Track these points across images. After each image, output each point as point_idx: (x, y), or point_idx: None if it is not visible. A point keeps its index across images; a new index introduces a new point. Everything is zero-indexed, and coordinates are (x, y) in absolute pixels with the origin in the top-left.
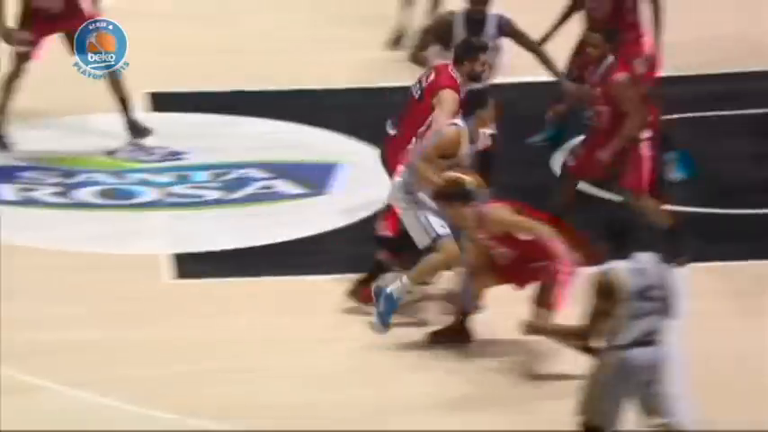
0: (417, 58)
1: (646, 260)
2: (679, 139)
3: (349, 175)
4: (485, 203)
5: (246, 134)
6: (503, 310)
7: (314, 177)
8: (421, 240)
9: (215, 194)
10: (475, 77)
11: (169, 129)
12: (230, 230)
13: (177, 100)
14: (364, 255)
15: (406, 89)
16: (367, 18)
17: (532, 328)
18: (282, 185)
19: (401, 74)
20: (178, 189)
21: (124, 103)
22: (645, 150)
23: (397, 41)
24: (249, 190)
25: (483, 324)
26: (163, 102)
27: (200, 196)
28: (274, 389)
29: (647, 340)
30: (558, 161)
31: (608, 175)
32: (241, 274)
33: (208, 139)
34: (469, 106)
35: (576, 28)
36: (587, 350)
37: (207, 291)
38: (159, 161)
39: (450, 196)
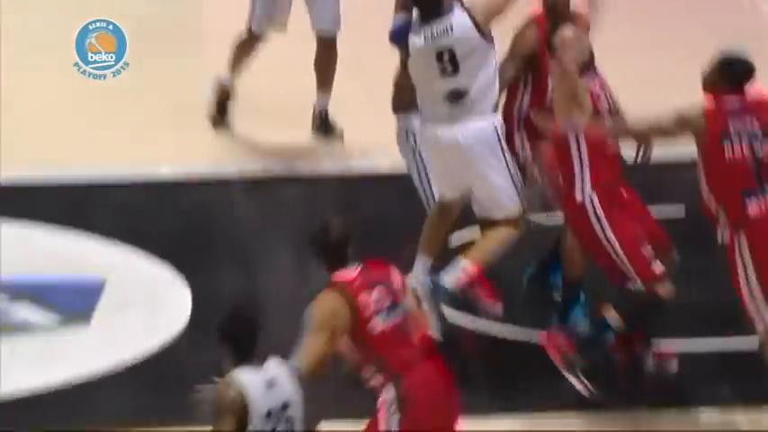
0: (401, 105)
1: (276, 370)
2: None
3: (118, 297)
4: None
5: None
6: None
7: (69, 300)
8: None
9: None
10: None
11: None
12: None
13: None
14: (144, 405)
15: (209, 185)
16: (159, 76)
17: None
18: (24, 311)
19: (200, 156)
20: None
21: None
22: None
23: (222, 111)
24: None
25: None
26: None
27: None
28: None
29: None
30: None
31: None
32: None
33: None
34: None
35: None
36: None
37: None
38: None
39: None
